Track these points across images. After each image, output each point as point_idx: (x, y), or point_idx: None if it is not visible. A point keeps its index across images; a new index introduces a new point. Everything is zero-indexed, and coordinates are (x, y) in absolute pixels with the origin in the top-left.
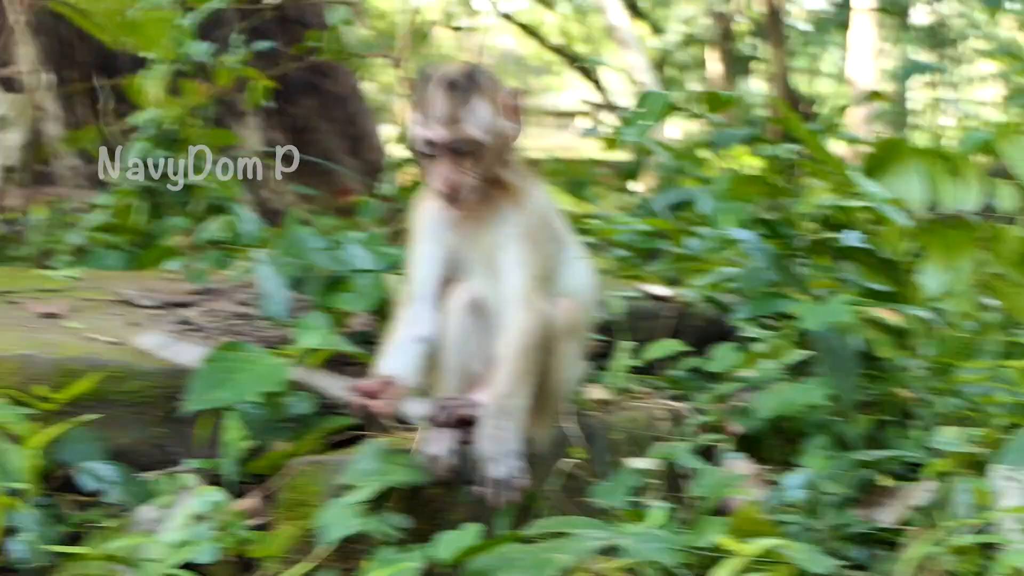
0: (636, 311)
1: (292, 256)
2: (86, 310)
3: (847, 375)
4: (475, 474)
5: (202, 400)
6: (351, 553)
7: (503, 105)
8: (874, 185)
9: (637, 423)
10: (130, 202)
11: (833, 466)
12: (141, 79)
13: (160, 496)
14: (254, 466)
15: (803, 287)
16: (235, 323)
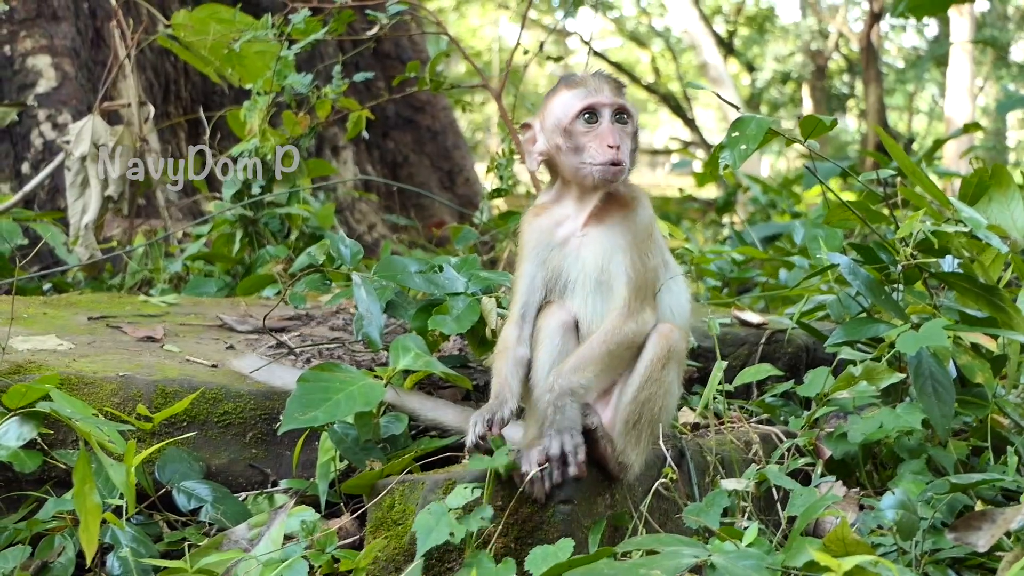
0: (728, 338)
1: (388, 279)
2: (183, 334)
3: (942, 401)
4: (568, 493)
5: (297, 420)
6: (443, 572)
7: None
8: (973, 212)
9: (730, 446)
10: (228, 231)
11: (927, 490)
12: (242, 111)
13: (254, 515)
14: (347, 486)
15: (900, 312)
16: (329, 347)
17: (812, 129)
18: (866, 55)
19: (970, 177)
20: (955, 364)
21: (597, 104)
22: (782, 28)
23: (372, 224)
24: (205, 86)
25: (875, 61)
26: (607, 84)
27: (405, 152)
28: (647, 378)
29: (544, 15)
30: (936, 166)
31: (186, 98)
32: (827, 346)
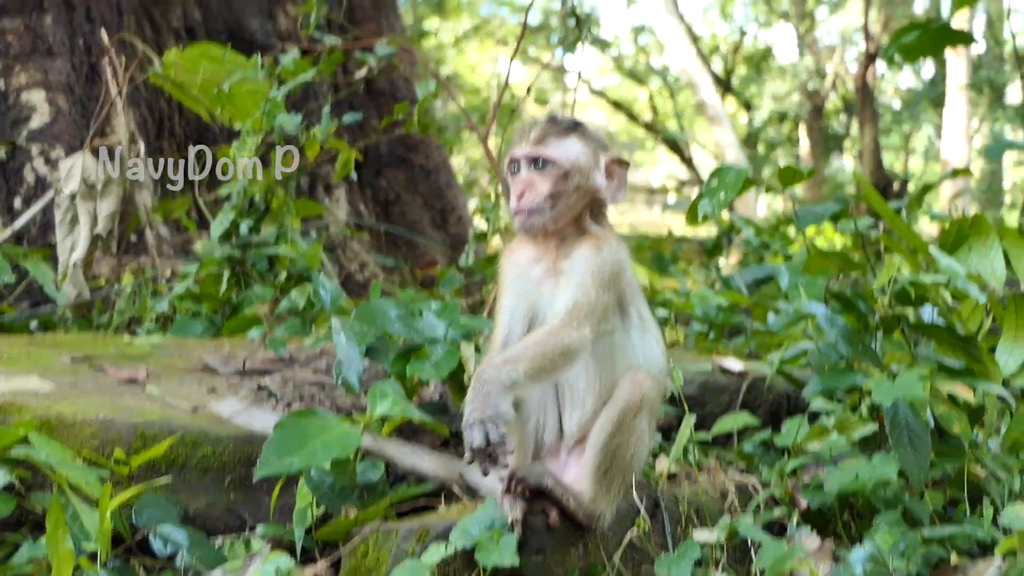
0: (708, 385)
1: (368, 324)
2: (166, 376)
3: (918, 451)
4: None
5: (274, 466)
6: None
7: (604, 162)
8: (952, 261)
9: (704, 496)
10: (216, 271)
11: (901, 541)
12: (232, 150)
13: (230, 561)
14: (322, 533)
15: (877, 362)
16: (311, 391)
17: (790, 180)
18: (862, 96)
19: (950, 226)
20: (932, 414)
21: (513, 156)
22: (779, 68)
23: (363, 263)
24: (199, 123)
25: (871, 102)
26: (532, 133)
27: (398, 190)
28: (618, 425)
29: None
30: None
31: (180, 135)
32: (804, 395)
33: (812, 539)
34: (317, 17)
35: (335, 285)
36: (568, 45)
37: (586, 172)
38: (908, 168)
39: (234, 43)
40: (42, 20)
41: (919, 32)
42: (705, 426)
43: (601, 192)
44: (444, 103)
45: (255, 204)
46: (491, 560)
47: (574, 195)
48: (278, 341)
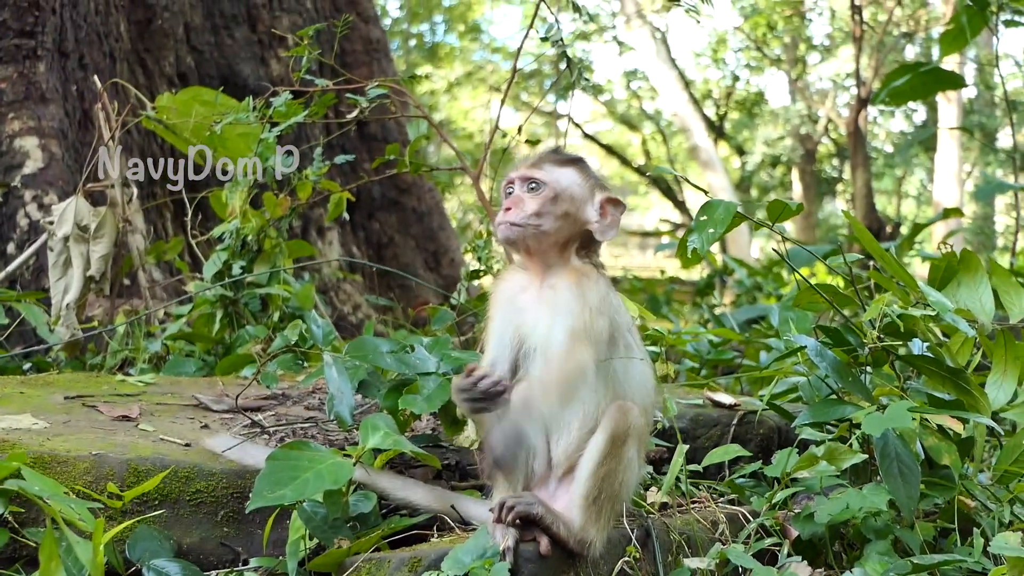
0: (700, 419)
1: (360, 359)
2: (159, 413)
3: (908, 482)
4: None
5: (266, 498)
6: None
7: (600, 199)
8: (941, 296)
9: (696, 526)
10: (208, 311)
11: (890, 570)
12: (224, 192)
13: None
14: (315, 564)
15: (867, 394)
16: (303, 426)
17: (779, 214)
18: (854, 140)
19: (939, 262)
20: (922, 446)
21: (509, 178)
22: (772, 112)
23: (357, 305)
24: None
25: (863, 146)
26: (530, 159)
27: (391, 233)
28: (606, 453)
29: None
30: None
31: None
32: (794, 427)
33: (803, 568)
34: (309, 60)
35: (327, 322)
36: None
37: (578, 202)
38: (901, 212)
39: (226, 89)
40: (35, 67)
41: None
42: (696, 459)
43: (591, 225)
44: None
45: (248, 245)
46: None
47: (561, 220)
48: (271, 376)
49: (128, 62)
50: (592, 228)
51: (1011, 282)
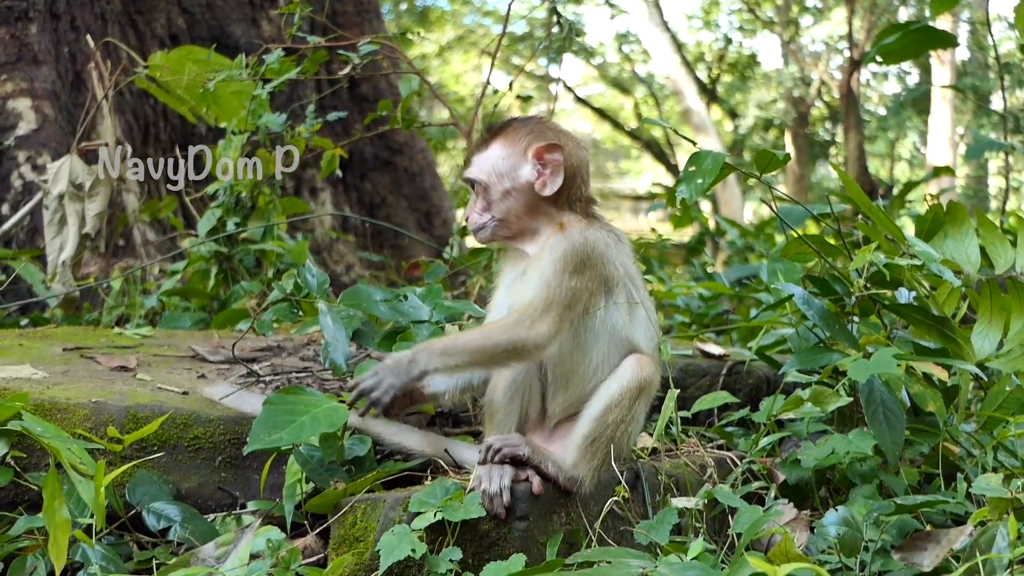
0: (689, 368)
1: (354, 307)
2: (156, 364)
3: (893, 428)
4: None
5: (263, 441)
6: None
7: (531, 153)
8: (928, 247)
9: (684, 469)
10: (203, 267)
11: (873, 510)
12: (217, 150)
13: (222, 535)
14: (311, 505)
15: (853, 342)
16: (299, 376)
17: (767, 164)
18: (846, 102)
19: (926, 214)
20: (908, 393)
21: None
22: (764, 75)
23: (350, 265)
24: (184, 128)
25: (855, 108)
26: (470, 153)
27: (383, 194)
28: (618, 403)
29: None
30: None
31: (165, 140)
32: (781, 372)
33: (789, 509)
34: (300, 16)
35: (321, 272)
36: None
37: (512, 173)
38: (894, 175)
39: (218, 49)
40: (27, 29)
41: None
42: (686, 408)
43: (536, 186)
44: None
45: (242, 201)
46: (459, 516)
47: (508, 200)
48: (267, 324)
49: (119, 24)
50: (536, 188)
51: (997, 234)
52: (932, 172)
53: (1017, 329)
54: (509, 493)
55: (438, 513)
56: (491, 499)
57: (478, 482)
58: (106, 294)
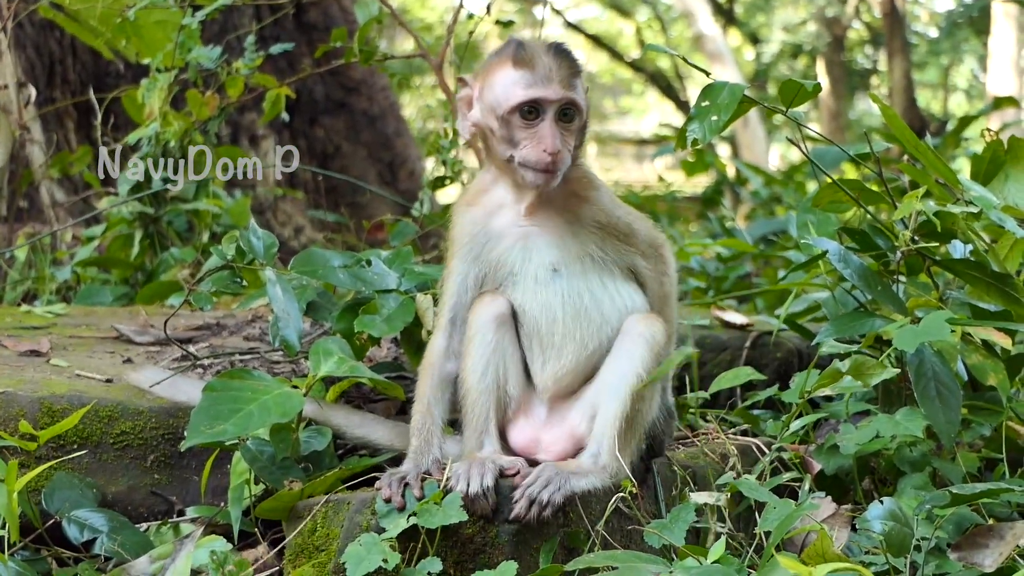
0: (707, 342)
1: (308, 275)
2: (73, 347)
3: (947, 405)
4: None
5: (203, 434)
6: None
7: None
8: (985, 191)
9: (702, 460)
10: (125, 232)
11: (925, 502)
12: (140, 91)
13: (157, 547)
14: (262, 509)
15: (899, 306)
16: (243, 358)
17: (794, 96)
18: (890, 23)
19: (983, 152)
20: (964, 365)
21: (542, 99)
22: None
23: (299, 227)
24: (97, 66)
25: (901, 29)
26: (558, 69)
27: (337, 141)
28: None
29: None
30: (966, 148)
31: (75, 80)
32: (815, 343)
33: (827, 504)
34: None
35: (268, 233)
36: None
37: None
38: (948, 109)
39: None
40: None
41: None
42: (704, 387)
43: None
44: (390, 43)
45: (170, 152)
46: (436, 522)
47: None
48: (204, 297)
49: None
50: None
51: None
52: (993, 104)
53: None
54: (494, 493)
55: (411, 518)
56: (473, 500)
57: (456, 481)
58: (9, 266)
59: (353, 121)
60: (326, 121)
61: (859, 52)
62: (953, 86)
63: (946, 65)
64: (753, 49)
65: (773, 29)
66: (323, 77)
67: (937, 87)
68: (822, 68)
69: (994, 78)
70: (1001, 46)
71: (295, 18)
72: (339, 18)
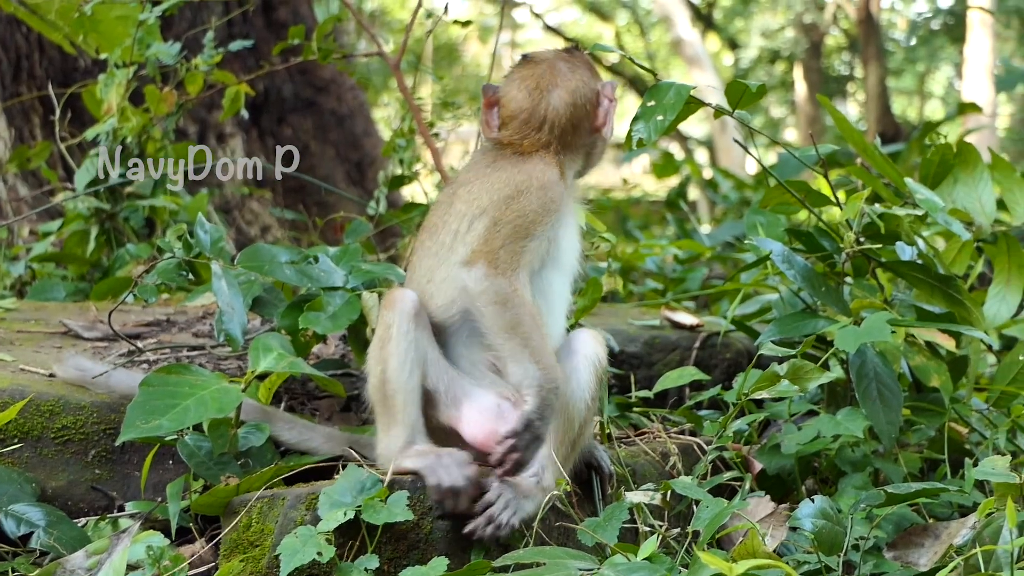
0: (656, 342)
1: (254, 270)
2: (20, 342)
3: (888, 406)
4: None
5: (139, 429)
6: None
7: None
8: (932, 194)
9: (643, 459)
10: (82, 229)
11: (860, 501)
12: (98, 87)
13: (94, 541)
14: (197, 504)
15: (844, 307)
16: (190, 354)
17: (739, 97)
18: (865, 29)
19: (932, 156)
20: (908, 366)
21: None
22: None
23: (267, 226)
24: (64, 62)
25: (876, 36)
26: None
27: (305, 140)
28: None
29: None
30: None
31: (41, 76)
32: (757, 344)
33: (765, 503)
34: None
35: (217, 227)
36: None
37: None
38: (924, 115)
39: None
40: None
41: None
42: (647, 385)
43: None
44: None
45: (128, 148)
46: (381, 518)
47: None
48: (149, 289)
49: None
50: None
51: (1015, 178)
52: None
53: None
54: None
55: (347, 512)
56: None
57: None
58: None
59: (321, 120)
60: (294, 120)
61: (836, 58)
62: (929, 93)
63: (922, 72)
64: (732, 54)
65: (751, 35)
66: (292, 76)
67: (913, 94)
68: (800, 74)
69: (969, 85)
70: (976, 53)
71: (264, 16)
72: (308, 17)
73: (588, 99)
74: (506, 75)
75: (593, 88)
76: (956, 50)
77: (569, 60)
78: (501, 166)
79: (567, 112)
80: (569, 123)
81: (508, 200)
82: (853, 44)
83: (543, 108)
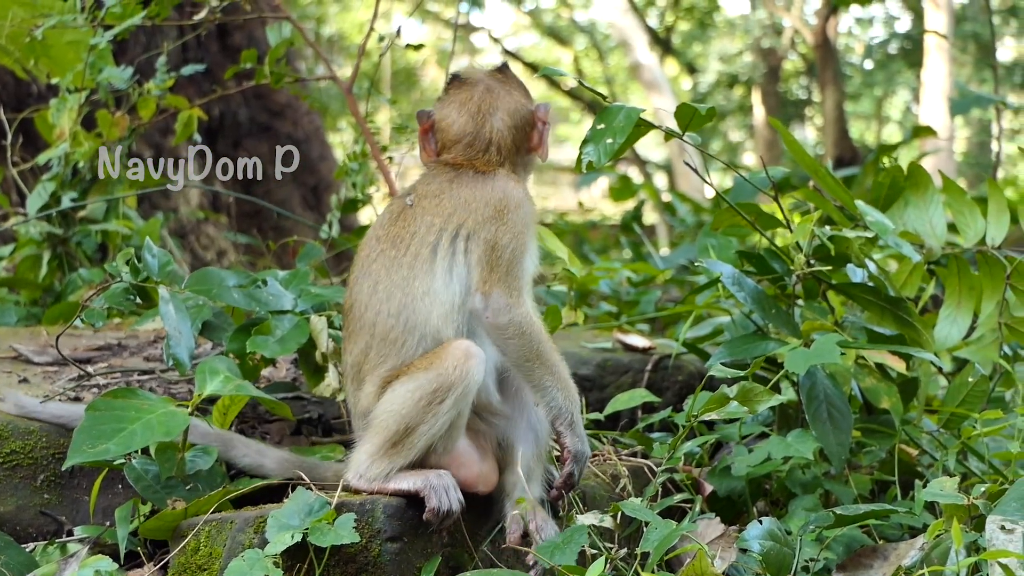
0: (608, 364)
1: (202, 294)
2: None
3: (838, 428)
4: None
5: (86, 453)
6: None
7: None
8: (882, 216)
9: (593, 481)
10: (34, 253)
11: (809, 523)
12: (50, 111)
13: (42, 566)
14: (145, 528)
15: (794, 329)
16: (140, 379)
17: (689, 120)
18: (822, 54)
19: (882, 178)
20: (859, 388)
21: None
22: (728, 22)
23: (223, 250)
24: (17, 87)
25: (833, 60)
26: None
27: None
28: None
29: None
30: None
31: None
32: (708, 365)
33: (715, 525)
34: None
35: (165, 252)
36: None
37: None
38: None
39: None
40: None
41: None
42: (599, 410)
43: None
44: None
45: (80, 173)
46: (328, 540)
47: None
48: (96, 314)
49: None
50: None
51: (966, 201)
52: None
53: (988, 312)
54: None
55: (295, 535)
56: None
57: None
58: None
59: (278, 145)
60: (250, 144)
61: (794, 82)
62: (887, 117)
63: (880, 96)
64: (690, 79)
65: (710, 59)
66: (247, 101)
67: (871, 118)
68: (758, 98)
69: (926, 109)
70: (933, 78)
71: (220, 41)
72: (263, 41)
73: (526, 120)
74: (439, 98)
75: (529, 109)
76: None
77: (503, 80)
78: (465, 183)
79: (510, 135)
80: (513, 144)
81: (494, 221)
82: (811, 68)
83: (487, 131)
